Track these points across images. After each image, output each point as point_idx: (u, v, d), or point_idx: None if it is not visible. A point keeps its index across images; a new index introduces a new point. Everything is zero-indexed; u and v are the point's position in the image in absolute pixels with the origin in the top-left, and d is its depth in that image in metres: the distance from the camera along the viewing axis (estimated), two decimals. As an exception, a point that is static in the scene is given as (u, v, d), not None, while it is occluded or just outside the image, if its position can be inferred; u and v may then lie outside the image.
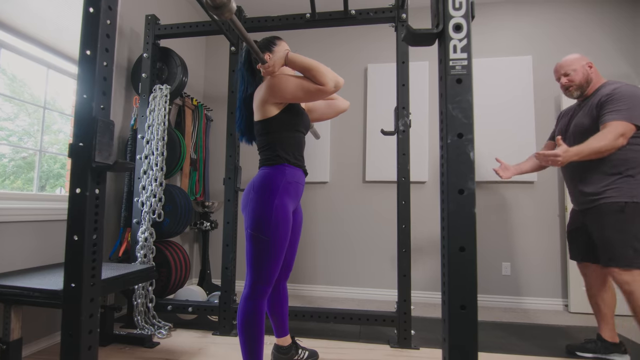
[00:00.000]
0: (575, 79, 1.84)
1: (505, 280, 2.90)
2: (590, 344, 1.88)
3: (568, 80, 1.86)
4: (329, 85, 1.31)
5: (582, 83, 1.83)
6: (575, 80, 1.84)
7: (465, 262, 0.74)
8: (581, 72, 1.83)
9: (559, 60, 1.92)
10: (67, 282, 0.94)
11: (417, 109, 3.01)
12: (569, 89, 1.88)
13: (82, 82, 0.98)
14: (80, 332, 0.93)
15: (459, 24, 0.78)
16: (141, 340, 1.90)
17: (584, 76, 1.83)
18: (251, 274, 1.34)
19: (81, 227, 0.94)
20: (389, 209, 3.06)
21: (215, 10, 0.88)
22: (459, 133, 0.76)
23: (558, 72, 1.91)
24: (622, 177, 1.68)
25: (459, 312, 0.73)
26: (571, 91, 1.88)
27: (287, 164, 1.40)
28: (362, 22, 2.13)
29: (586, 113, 1.80)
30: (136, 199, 2.18)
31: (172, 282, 2.28)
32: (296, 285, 3.18)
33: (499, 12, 3.11)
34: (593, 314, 1.93)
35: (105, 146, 0.97)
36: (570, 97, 1.91)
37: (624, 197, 1.66)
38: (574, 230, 1.94)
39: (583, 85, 1.84)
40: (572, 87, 1.86)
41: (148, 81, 2.28)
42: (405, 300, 1.94)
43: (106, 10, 1.00)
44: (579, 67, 1.83)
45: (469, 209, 0.74)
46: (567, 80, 1.87)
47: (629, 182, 1.67)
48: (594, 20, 2.96)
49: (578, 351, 1.90)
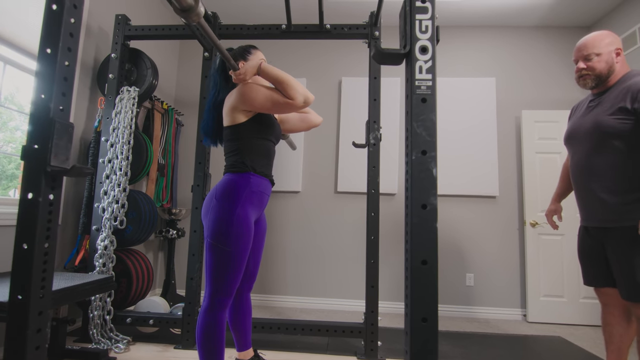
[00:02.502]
0: (596, 67, 1.45)
1: (469, 290, 3.00)
2: None
3: (587, 67, 1.47)
4: (298, 100, 1.32)
5: (602, 73, 1.45)
6: (596, 68, 1.45)
7: (427, 275, 0.76)
8: (605, 60, 1.44)
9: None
10: (13, 294, 0.87)
11: (388, 123, 3.10)
12: (585, 77, 1.49)
13: (40, 81, 0.93)
14: (26, 348, 0.86)
15: (424, 46, 0.82)
16: (96, 356, 1.79)
17: (607, 65, 1.44)
18: (210, 285, 1.30)
19: (31, 235, 0.88)
20: (360, 220, 3.09)
21: (183, 13, 0.87)
22: (423, 150, 0.79)
23: (579, 51, 1.50)
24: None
25: (421, 325, 0.74)
26: (586, 80, 1.49)
27: (253, 172, 1.39)
28: (336, 37, 2.18)
29: (611, 109, 1.41)
30: (97, 205, 2.07)
31: (132, 292, 2.17)
32: (266, 296, 3.13)
33: (465, 35, 3.28)
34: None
35: (62, 149, 0.92)
36: (583, 86, 1.53)
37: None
38: (590, 252, 1.53)
39: (602, 76, 1.46)
40: (589, 77, 1.48)
41: (115, 82, 2.19)
42: (372, 311, 1.96)
43: (70, 9, 0.96)
44: (605, 52, 1.44)
45: (431, 224, 0.77)
46: (585, 66, 1.48)
47: None
48: (554, 44, 3.19)
49: None
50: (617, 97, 1.41)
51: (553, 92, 3.14)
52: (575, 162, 1.55)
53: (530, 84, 3.17)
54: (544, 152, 2.97)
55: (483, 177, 3.05)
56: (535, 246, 2.89)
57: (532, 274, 2.88)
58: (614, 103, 1.41)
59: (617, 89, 1.43)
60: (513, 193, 3.07)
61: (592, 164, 1.46)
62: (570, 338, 2.45)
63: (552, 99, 3.13)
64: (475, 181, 3.05)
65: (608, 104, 1.44)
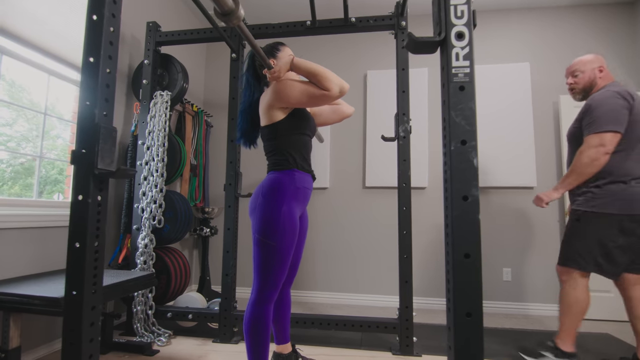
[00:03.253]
0: (580, 82, 1.82)
1: (506, 285, 2.89)
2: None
3: (573, 82, 1.85)
4: (334, 90, 1.32)
5: (585, 87, 1.82)
6: (579, 83, 1.82)
7: (470, 268, 0.73)
8: (588, 76, 1.80)
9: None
10: (69, 290, 0.93)
11: (416, 115, 3.03)
12: (573, 90, 1.87)
13: (85, 89, 0.98)
14: (82, 340, 0.92)
15: (461, 32, 0.79)
16: (141, 348, 1.88)
17: (589, 80, 1.80)
18: (258, 279, 1.33)
19: (83, 234, 0.93)
20: (389, 215, 3.05)
21: (224, 17, 0.89)
22: (463, 140, 0.76)
23: (568, 70, 1.89)
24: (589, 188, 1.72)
25: (465, 320, 0.72)
26: (574, 93, 1.88)
27: (296, 169, 1.40)
28: (362, 30, 2.15)
29: (577, 119, 1.80)
30: (136, 205, 2.17)
31: (171, 288, 2.27)
32: (296, 292, 3.17)
33: (496, 20, 3.14)
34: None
35: (108, 153, 0.97)
36: (574, 99, 1.90)
37: (583, 206, 1.72)
38: None
39: (586, 89, 1.82)
40: (576, 90, 1.85)
41: (149, 87, 2.28)
42: (407, 306, 1.93)
43: (109, 18, 1.00)
44: (588, 70, 1.80)
45: (473, 216, 0.74)
46: (572, 81, 1.86)
47: (595, 193, 1.70)
48: (590, 26, 3.00)
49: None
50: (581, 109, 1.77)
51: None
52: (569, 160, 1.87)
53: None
54: (585, 139, 2.79)
55: (519, 168, 2.92)
56: (578, 239, 2.73)
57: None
58: (579, 113, 1.77)
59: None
60: (552, 183, 2.92)
61: None
62: (620, 335, 2.31)
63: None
64: (511, 172, 2.92)
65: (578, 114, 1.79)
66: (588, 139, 1.68)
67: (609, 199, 1.65)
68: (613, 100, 1.64)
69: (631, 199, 1.63)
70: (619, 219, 1.64)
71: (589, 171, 1.67)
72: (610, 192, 1.66)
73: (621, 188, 1.64)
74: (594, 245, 1.69)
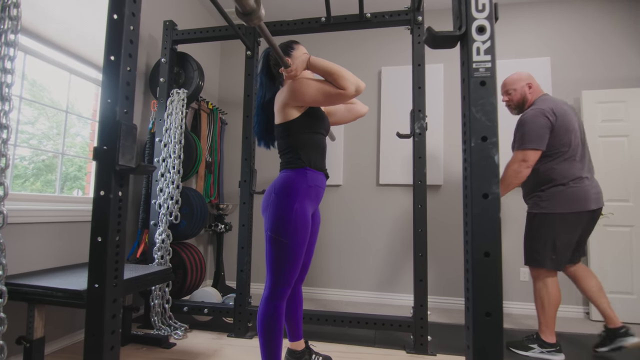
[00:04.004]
0: (513, 99, 2.05)
1: (524, 286, 2.84)
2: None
3: (508, 99, 2.09)
4: (350, 89, 1.31)
5: (518, 102, 2.05)
6: (513, 99, 2.06)
7: (490, 267, 0.72)
8: (519, 92, 2.03)
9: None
10: (91, 283, 0.96)
11: (432, 112, 2.98)
12: (509, 106, 2.11)
13: (106, 87, 1.00)
14: (103, 332, 0.94)
15: (482, 25, 0.77)
16: (158, 341, 1.93)
17: (521, 96, 2.03)
18: (271, 276, 1.35)
19: (105, 229, 0.96)
20: (403, 213, 3.03)
21: (245, 17, 0.89)
22: (483, 136, 0.75)
23: (502, 88, 2.12)
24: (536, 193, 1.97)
25: (485, 320, 0.71)
26: (510, 108, 2.11)
27: (309, 167, 1.41)
28: (377, 25, 2.13)
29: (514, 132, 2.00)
30: (154, 201, 2.21)
31: (188, 283, 2.31)
32: (310, 289, 3.18)
33: (515, 14, 3.06)
34: None
35: (128, 149, 0.99)
36: (511, 113, 2.13)
37: (534, 209, 1.96)
38: None
39: (520, 105, 2.05)
40: (511, 106, 2.09)
41: (166, 85, 2.32)
42: (421, 305, 1.91)
43: (130, 17, 1.02)
44: (518, 87, 2.03)
45: (494, 214, 0.73)
46: (507, 99, 2.09)
47: (540, 196, 1.94)
48: (611, 20, 2.88)
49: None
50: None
51: (617, 70, 2.84)
52: None
53: (589, 62, 2.89)
54: (608, 136, 2.70)
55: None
56: (599, 238, 2.65)
57: (596, 269, 2.64)
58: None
59: None
60: (572, 181, 2.83)
61: None
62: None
63: (617, 76, 2.83)
64: (529, 170, 2.85)
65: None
66: (515, 154, 1.92)
67: (552, 201, 1.88)
68: (537, 119, 1.87)
69: (571, 197, 1.85)
70: (562, 217, 1.86)
71: (514, 182, 1.90)
72: (552, 195, 1.88)
73: (560, 190, 1.87)
74: (545, 243, 1.90)
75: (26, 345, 1.35)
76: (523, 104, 2.04)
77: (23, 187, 1.85)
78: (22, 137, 1.82)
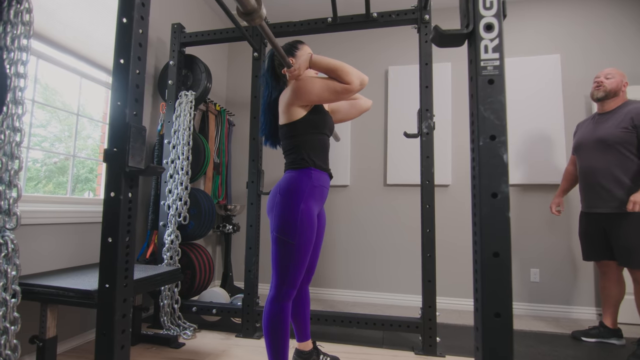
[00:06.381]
0: (608, 85, 2.10)
1: (534, 287, 2.80)
2: (593, 330, 2.17)
3: (605, 79, 2.11)
4: (355, 83, 1.32)
5: (612, 89, 2.09)
6: (608, 86, 2.09)
7: (499, 268, 0.71)
8: (617, 82, 2.09)
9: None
10: (102, 283, 0.97)
11: (440, 111, 2.97)
12: (599, 87, 2.12)
13: (115, 90, 1.01)
14: (114, 331, 0.96)
15: (490, 23, 0.76)
16: (167, 341, 1.95)
17: (617, 86, 2.09)
18: (277, 276, 1.35)
19: (115, 229, 0.97)
20: (411, 213, 3.01)
21: (246, 17, 0.90)
22: (492, 135, 0.74)
23: (600, 73, 2.16)
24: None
25: (494, 321, 0.70)
26: (599, 90, 2.12)
27: (313, 167, 1.41)
28: (384, 25, 2.12)
29: (616, 126, 2.03)
30: (163, 202, 2.24)
31: (196, 283, 2.33)
32: (317, 289, 3.18)
33: (524, 11, 3.02)
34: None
35: (138, 151, 1.00)
36: (594, 95, 2.15)
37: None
38: (592, 233, 2.17)
39: (610, 92, 2.10)
40: (602, 87, 2.11)
41: (174, 88, 2.34)
42: (430, 306, 1.90)
43: (138, 20, 1.03)
44: (618, 78, 2.09)
45: (503, 213, 0.72)
46: (601, 81, 2.12)
47: None
48: (622, 18, 2.83)
49: (583, 337, 2.17)
50: (622, 117, 2.03)
51: (628, 67, 2.78)
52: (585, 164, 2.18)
53: (601, 59, 2.83)
54: (621, 134, 2.65)
55: (548, 164, 2.80)
56: (612, 239, 2.60)
57: (610, 270, 2.59)
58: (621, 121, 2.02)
59: (622, 112, 2.05)
60: (584, 181, 2.79)
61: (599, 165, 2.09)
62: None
63: (628, 74, 2.77)
64: (539, 168, 2.81)
65: (615, 121, 2.05)
66: None
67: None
68: None
69: None
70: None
71: None
72: None
73: None
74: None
75: (39, 345, 1.37)
76: (613, 95, 2.09)
77: (36, 189, 1.89)
78: (35, 140, 1.86)
